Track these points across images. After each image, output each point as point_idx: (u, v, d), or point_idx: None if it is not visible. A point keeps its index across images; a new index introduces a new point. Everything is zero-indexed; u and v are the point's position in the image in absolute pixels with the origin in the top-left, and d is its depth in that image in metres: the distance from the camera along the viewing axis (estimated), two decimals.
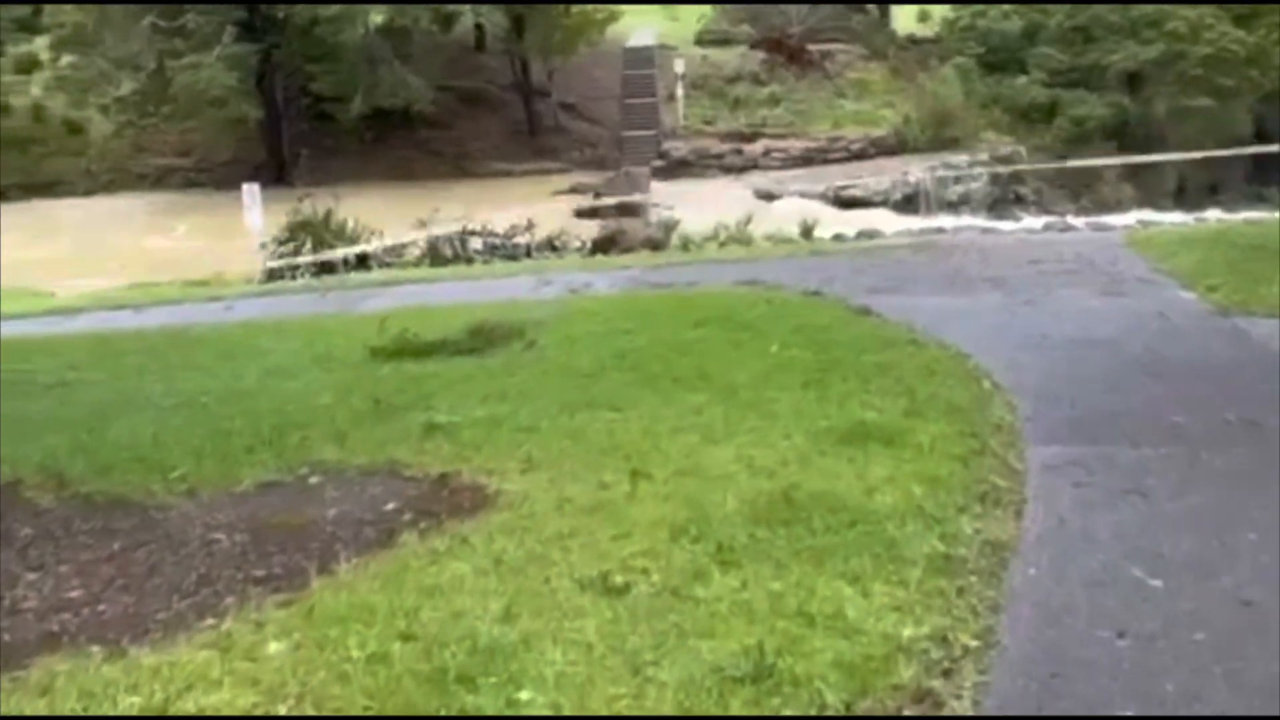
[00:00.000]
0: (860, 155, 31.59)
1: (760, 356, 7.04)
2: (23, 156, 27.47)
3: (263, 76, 27.56)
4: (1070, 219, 23.83)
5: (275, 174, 27.88)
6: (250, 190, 21.36)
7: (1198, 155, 27.81)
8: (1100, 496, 4.56)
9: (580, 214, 26.91)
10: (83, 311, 12.44)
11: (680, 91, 31.00)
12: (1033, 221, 25.38)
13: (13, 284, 19.59)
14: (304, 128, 29.16)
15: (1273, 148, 26.78)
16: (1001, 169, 31.14)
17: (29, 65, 28.94)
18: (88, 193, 27.41)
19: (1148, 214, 26.51)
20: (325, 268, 19.47)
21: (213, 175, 27.25)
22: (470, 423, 5.91)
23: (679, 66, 30.96)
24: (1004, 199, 32.00)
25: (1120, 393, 5.99)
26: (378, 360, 8.16)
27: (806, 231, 21.01)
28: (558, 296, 10.43)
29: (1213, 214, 25.21)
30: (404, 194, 27.81)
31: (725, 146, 30.65)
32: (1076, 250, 11.08)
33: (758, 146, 30.99)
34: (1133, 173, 31.14)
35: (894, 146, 31.79)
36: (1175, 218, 24.65)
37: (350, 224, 21.71)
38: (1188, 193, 32.60)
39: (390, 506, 4.90)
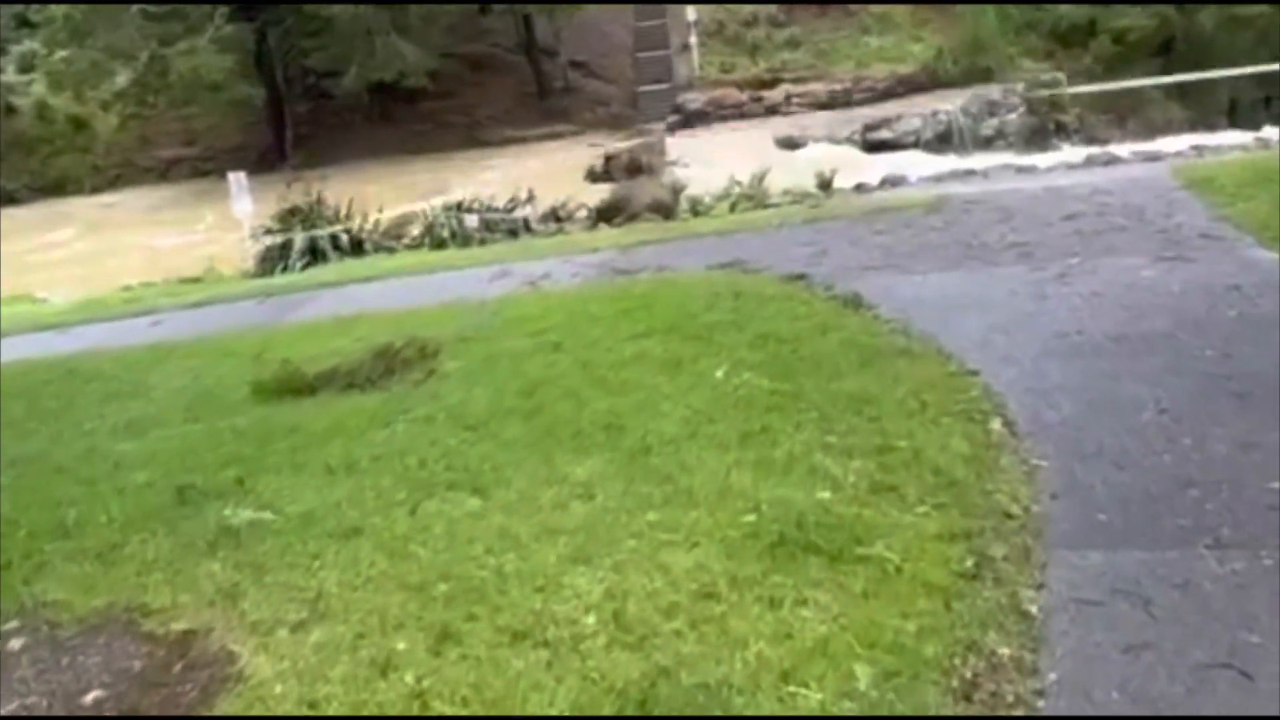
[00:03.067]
0: (888, 94, 29.09)
1: (700, 387, 5.19)
2: (29, 157, 26.19)
3: (261, 57, 25.86)
4: (1115, 148, 21.31)
5: (281, 156, 26.30)
6: (236, 179, 19.81)
7: (1249, 71, 24.97)
8: (1172, 671, 2.67)
9: (593, 177, 24.97)
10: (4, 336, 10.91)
11: (694, 40, 28.69)
12: (1074, 154, 22.92)
13: (13, 290, 18.36)
14: (309, 107, 27.47)
15: None
16: (1041, 95, 28.51)
17: (31, 64, 27.57)
18: (95, 190, 26.07)
19: (1201, 137, 23.80)
20: (317, 254, 17.94)
21: (219, 163, 25.66)
22: (280, 523, 4.18)
23: (691, 14, 28.62)
24: (1043, 130, 29.33)
25: (1193, 434, 4.04)
26: (257, 399, 6.49)
27: (825, 184, 18.83)
28: (506, 294, 8.62)
29: (1273, 132, 22.50)
30: (413, 168, 26.10)
31: (744, 95, 28.33)
32: (1122, 198, 8.96)
33: (778, 92, 28.63)
34: (1181, 91, 28.27)
35: (924, 83, 29.23)
36: (1232, 138, 22.00)
37: (344, 207, 20.10)
38: (1241, 109, 29.64)
39: (90, 697, 3.19)
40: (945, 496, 3.61)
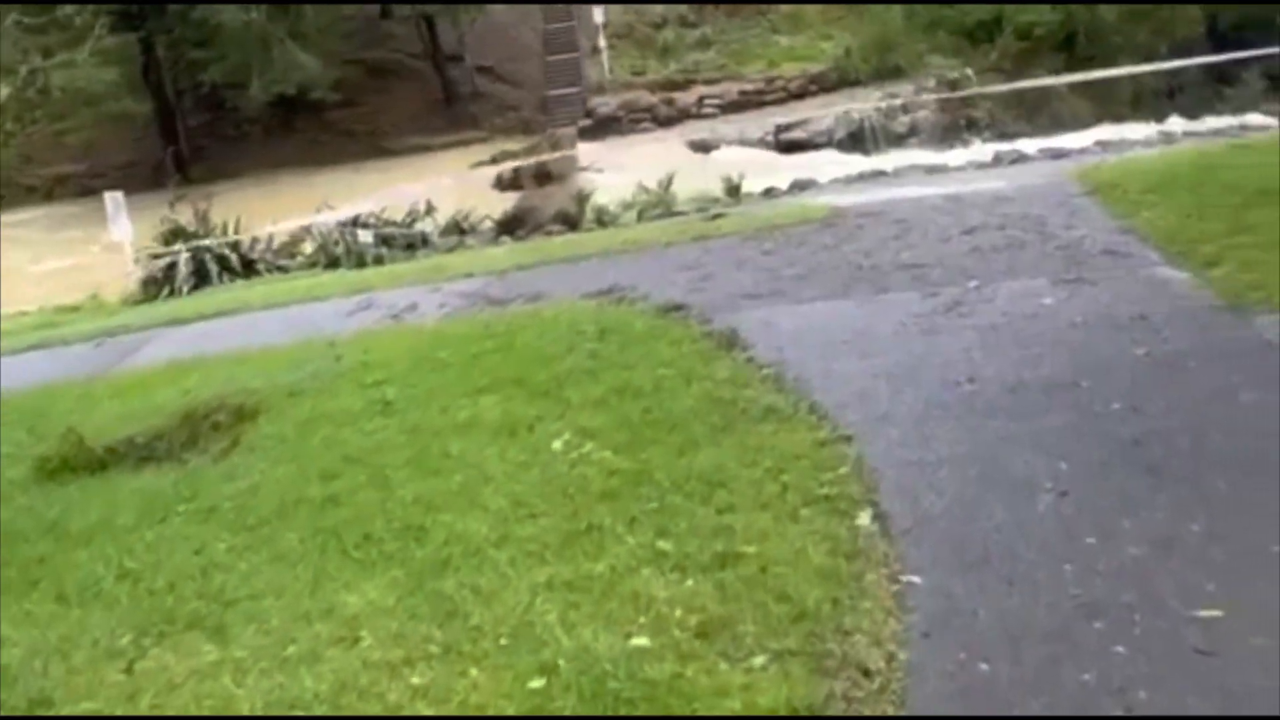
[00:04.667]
0: (800, 94, 28.54)
1: (531, 465, 4.31)
2: None
3: (148, 68, 24.36)
4: (1023, 144, 20.91)
5: (177, 171, 24.85)
6: (113, 198, 18.41)
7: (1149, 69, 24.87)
8: None
9: (501, 185, 23.96)
10: None
11: (603, 43, 27.82)
12: (983, 151, 22.50)
13: None
14: (204, 119, 26.03)
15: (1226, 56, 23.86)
16: (951, 95, 28.20)
17: None
18: None
19: (1107, 130, 23.62)
20: (203, 276, 16.72)
21: (109, 180, 24.11)
22: None
23: (598, 16, 27.73)
24: (954, 127, 29.03)
25: (1098, 527, 3.25)
26: (38, 479, 5.46)
27: (733, 189, 18.12)
28: (360, 332, 7.65)
29: (1178, 125, 22.28)
30: (315, 181, 24.78)
31: (656, 98, 27.57)
32: (1023, 207, 8.27)
33: (690, 95, 27.92)
34: (1087, 85, 28.12)
35: (835, 82, 28.73)
36: (1137, 132, 21.76)
37: (232, 225, 18.86)
38: (1145, 100, 29.60)
39: None
40: (792, 639, 2.77)
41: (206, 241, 17.26)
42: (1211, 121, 22.11)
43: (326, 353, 7.10)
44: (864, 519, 3.44)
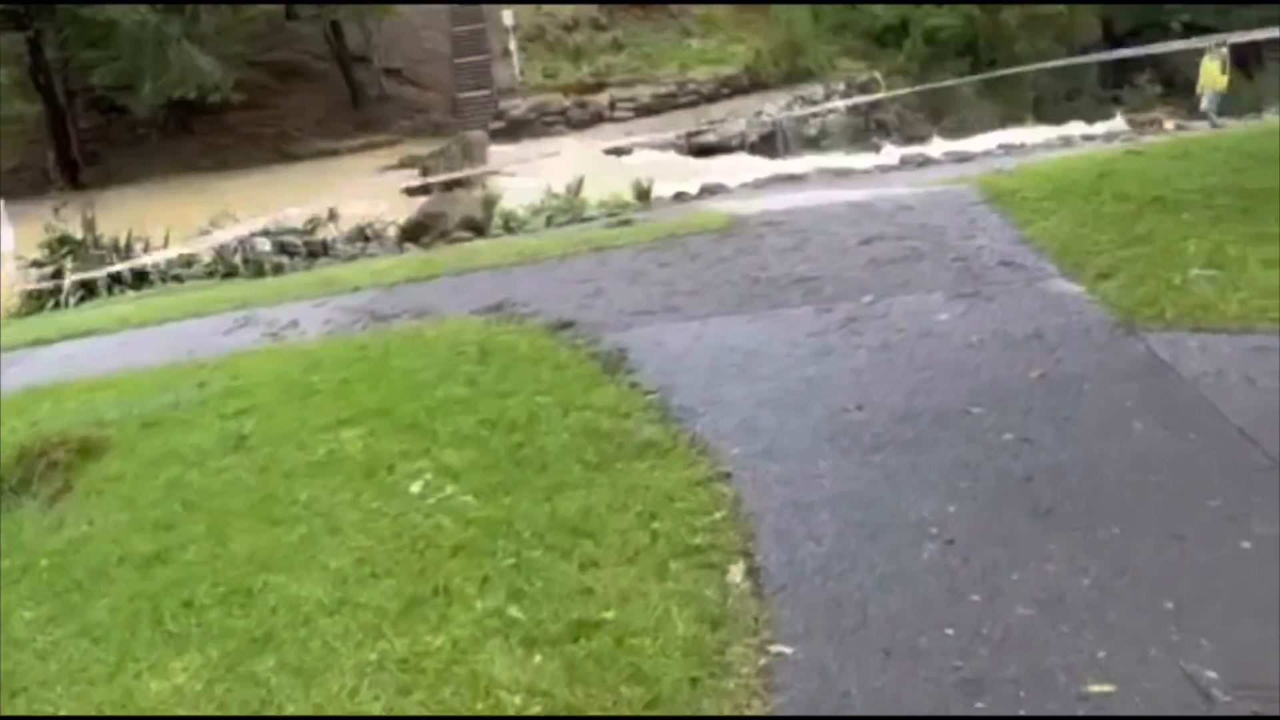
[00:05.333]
0: (712, 97, 28.40)
1: (385, 513, 3.89)
2: None
3: (36, 69, 23.12)
4: (929, 149, 21.02)
5: (68, 177, 23.65)
6: None
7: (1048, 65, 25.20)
8: None
9: (410, 191, 23.27)
10: None
11: (513, 45, 27.30)
12: (891, 154, 22.58)
13: None
14: (98, 123, 24.84)
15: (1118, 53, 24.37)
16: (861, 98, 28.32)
17: None
18: None
19: (1010, 133, 23.96)
20: (93, 289, 15.83)
21: None
22: None
23: (508, 18, 27.20)
24: (864, 129, 29.18)
25: (984, 583, 2.96)
26: None
27: (643, 194, 17.83)
28: (233, 353, 7.11)
29: (1076, 129, 22.63)
30: (217, 186, 23.80)
31: (568, 101, 27.14)
32: (923, 216, 8.09)
33: (603, 98, 27.55)
34: (990, 88, 28.49)
35: (746, 85, 28.68)
36: (1038, 135, 22.06)
37: (123, 235, 17.96)
38: (1045, 103, 30.10)
39: None
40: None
41: (103, 258, 16.40)
42: (1109, 125, 22.54)
43: (193, 377, 6.57)
44: (736, 574, 3.10)
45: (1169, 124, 19.62)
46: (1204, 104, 17.29)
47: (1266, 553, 2.92)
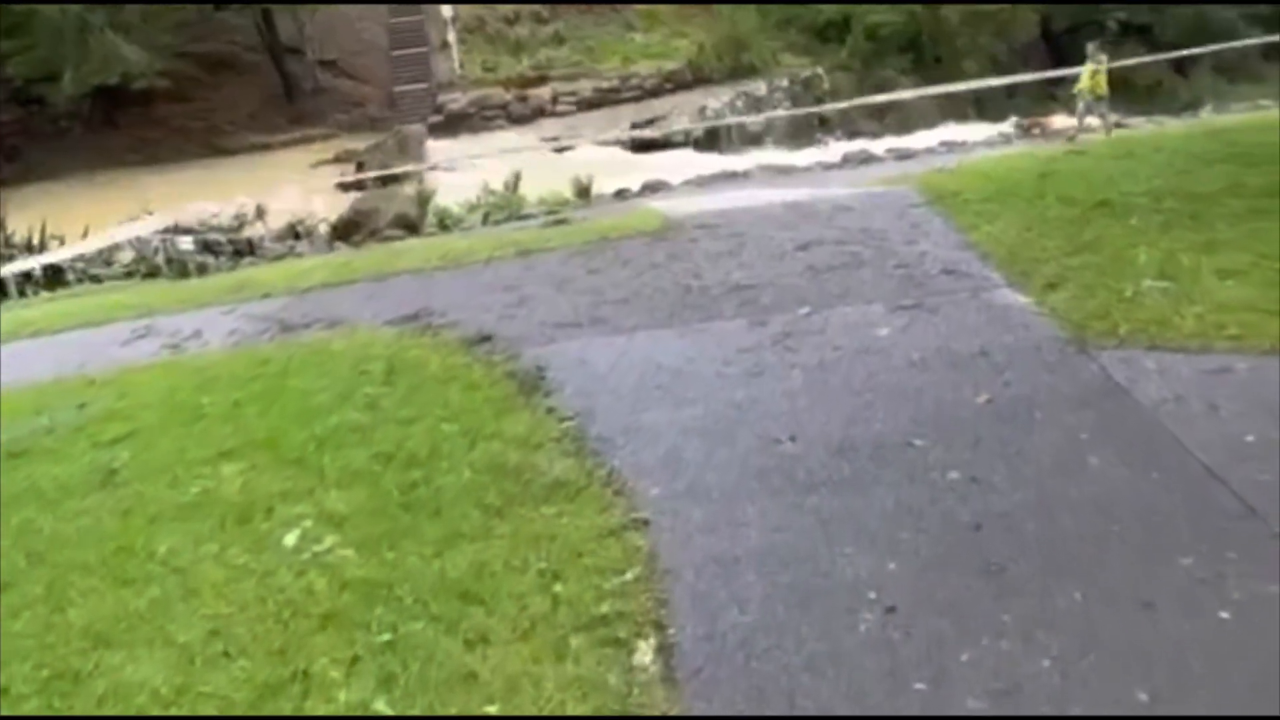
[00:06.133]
0: (655, 92, 27.86)
1: (251, 570, 3.37)
2: None
3: None
4: (872, 146, 20.75)
5: None
6: None
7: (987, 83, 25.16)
8: None
9: (344, 187, 22.48)
10: None
11: (452, 37, 26.54)
12: (834, 150, 22.30)
13: None
14: (16, 115, 23.68)
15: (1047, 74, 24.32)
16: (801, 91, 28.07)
17: None
18: None
19: (951, 130, 23.80)
20: (6, 289, 14.96)
21: None
22: None
23: (447, 10, 26.45)
24: (807, 125, 28.91)
25: (928, 663, 2.53)
26: None
27: (583, 190, 17.30)
28: (126, 366, 6.50)
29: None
30: (142, 181, 22.76)
31: (509, 95, 26.43)
32: (864, 219, 7.69)
33: (545, 91, 26.89)
34: (932, 83, 28.39)
35: (690, 80, 28.18)
36: (979, 132, 21.89)
37: (35, 233, 17.09)
38: (986, 100, 30.08)
39: None
40: None
41: (14, 255, 15.52)
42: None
43: (76, 396, 5.97)
44: (645, 653, 2.65)
45: (1055, 125, 19.42)
46: (1080, 108, 17.15)
47: (1247, 623, 2.53)
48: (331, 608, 3.05)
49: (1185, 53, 20.49)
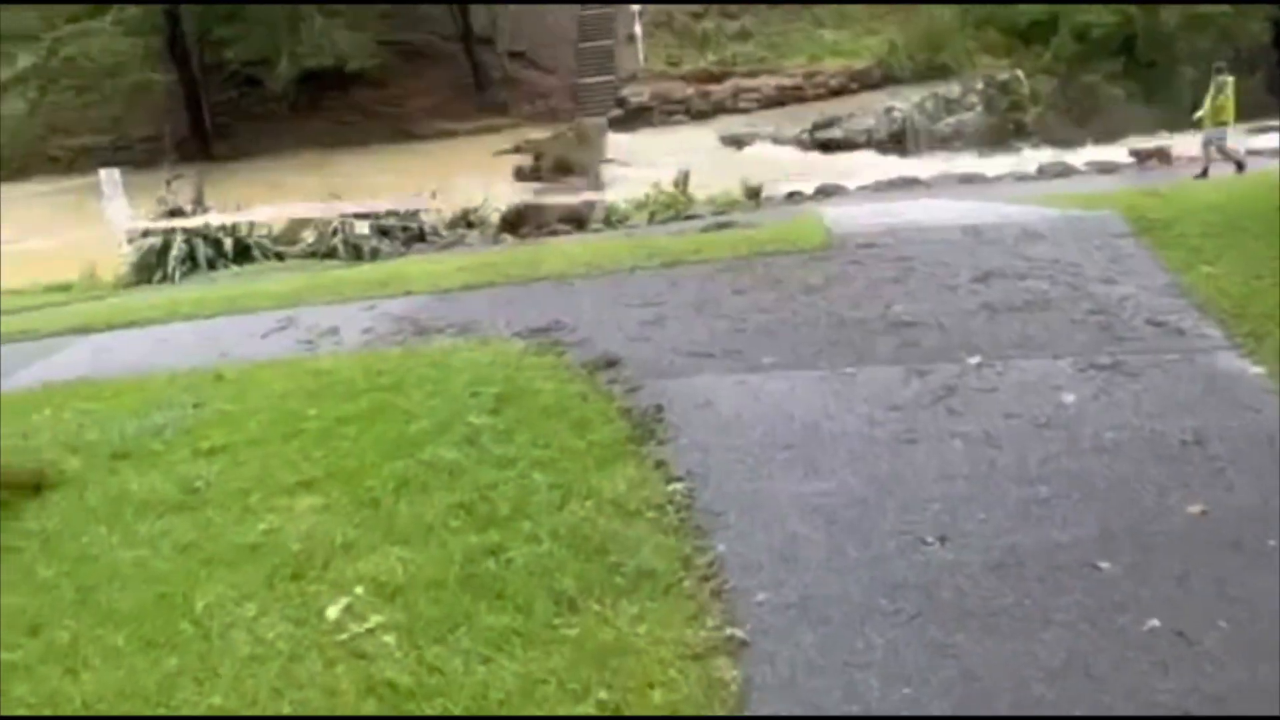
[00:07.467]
0: (840, 91, 26.69)
1: (278, 650, 2.87)
2: None
3: (174, 41, 23.21)
4: (1071, 157, 19.02)
5: (200, 148, 23.75)
6: (109, 176, 17.31)
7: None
8: None
9: (521, 176, 22.50)
10: None
11: (638, 30, 26.17)
12: (1029, 159, 20.61)
13: None
14: (230, 95, 24.88)
15: None
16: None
17: None
18: None
19: (1163, 139, 21.61)
20: (197, 262, 15.58)
21: (132, 154, 23.08)
22: None
23: (635, 4, 26.08)
24: (1002, 129, 27.01)
25: None
26: None
27: (753, 193, 16.55)
28: (255, 364, 6.25)
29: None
30: (335, 163, 23.53)
31: (690, 90, 25.89)
32: (1054, 248, 6.67)
33: (726, 87, 26.19)
34: (1145, 92, 25.97)
35: (877, 79, 26.84)
36: (1194, 143, 19.76)
37: (230, 208, 17.69)
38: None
39: None
40: None
41: (194, 223, 16.05)
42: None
43: (198, 393, 5.75)
44: None
45: (1178, 153, 16.85)
46: (1204, 139, 14.72)
47: None
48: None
49: None
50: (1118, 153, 18.67)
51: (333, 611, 3.02)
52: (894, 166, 21.20)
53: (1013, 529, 3.17)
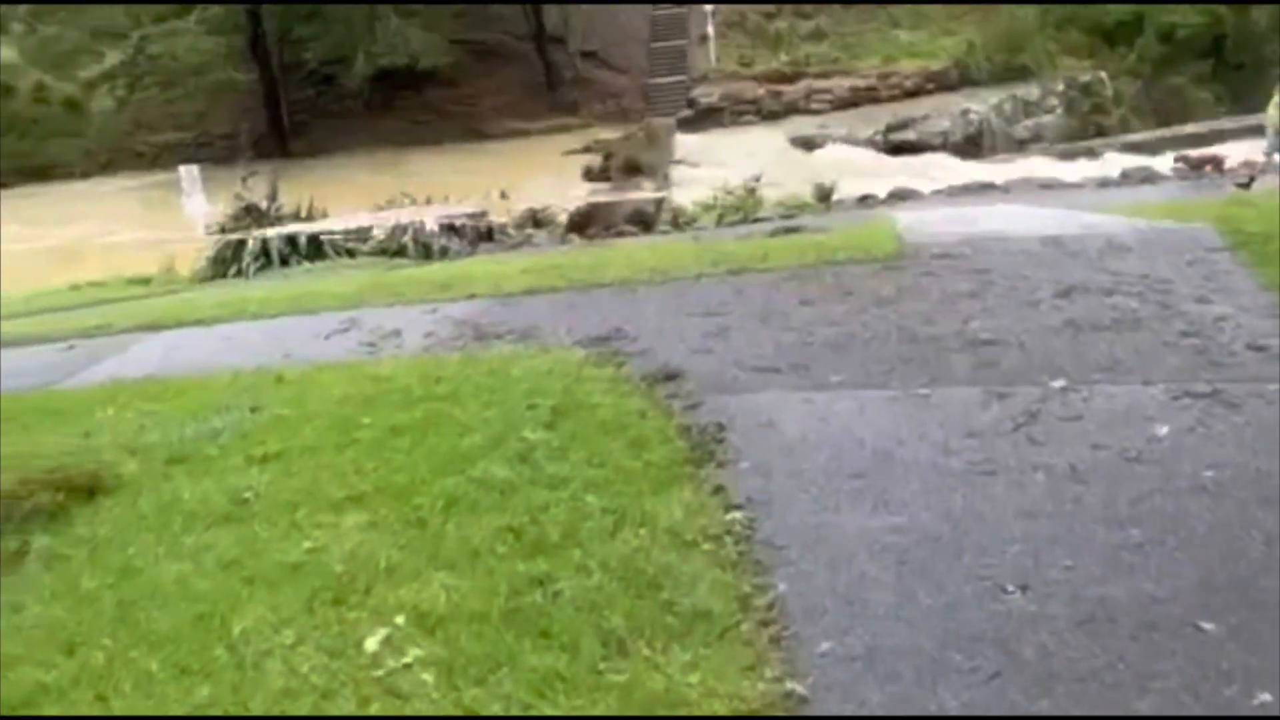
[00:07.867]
0: (915, 93, 26.13)
1: (312, 685, 2.72)
2: (21, 140, 24.23)
3: (256, 41, 23.60)
4: (1155, 161, 18.28)
5: (277, 145, 24.13)
6: (188, 172, 17.69)
7: None
8: None
9: (590, 176, 22.40)
10: None
11: (711, 30, 25.90)
12: (1111, 163, 19.89)
13: None
14: (308, 93, 25.23)
15: None
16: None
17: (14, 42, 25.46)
18: (84, 174, 24.03)
19: (1251, 145, 20.69)
20: (271, 258, 15.78)
21: (213, 150, 23.56)
22: None
23: (708, 4, 25.81)
24: (1083, 133, 26.17)
25: None
26: None
27: (824, 195, 16.22)
28: (314, 366, 6.18)
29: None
30: (407, 161, 23.72)
31: (762, 90, 25.55)
32: (1144, 261, 6.29)
33: (799, 88, 25.80)
34: (1234, 96, 24.93)
35: (954, 80, 26.23)
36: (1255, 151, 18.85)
37: (304, 206, 17.95)
38: None
39: None
40: None
41: (281, 227, 16.32)
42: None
43: (257, 395, 5.69)
44: None
45: (1231, 164, 15.88)
46: (1267, 146, 13.86)
47: None
48: None
49: None
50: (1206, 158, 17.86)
51: (371, 643, 2.87)
52: (969, 170, 20.65)
53: (1102, 578, 2.89)
